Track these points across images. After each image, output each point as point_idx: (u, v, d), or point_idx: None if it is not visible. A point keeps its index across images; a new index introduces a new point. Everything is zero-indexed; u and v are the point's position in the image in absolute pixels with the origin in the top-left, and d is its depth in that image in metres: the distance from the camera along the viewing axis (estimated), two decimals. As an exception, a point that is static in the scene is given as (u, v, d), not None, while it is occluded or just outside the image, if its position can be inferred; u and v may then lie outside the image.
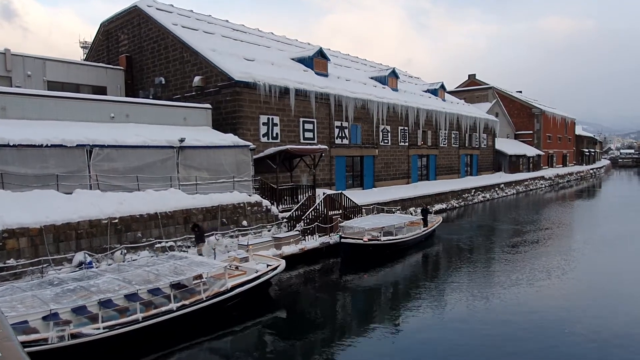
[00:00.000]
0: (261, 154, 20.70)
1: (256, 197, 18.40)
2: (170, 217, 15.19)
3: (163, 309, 10.26)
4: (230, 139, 18.94)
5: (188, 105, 20.51)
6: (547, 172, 57.49)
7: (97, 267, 12.36)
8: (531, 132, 63.26)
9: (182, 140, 16.59)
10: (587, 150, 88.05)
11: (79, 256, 12.65)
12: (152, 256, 13.74)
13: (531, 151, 58.54)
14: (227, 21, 30.66)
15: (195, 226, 15.07)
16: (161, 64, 24.96)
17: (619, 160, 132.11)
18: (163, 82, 24.69)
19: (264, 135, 22.47)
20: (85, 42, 57.44)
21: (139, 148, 15.66)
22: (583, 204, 39.89)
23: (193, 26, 25.74)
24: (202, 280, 11.54)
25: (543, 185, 52.93)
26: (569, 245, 20.73)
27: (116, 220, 13.78)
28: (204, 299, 11.08)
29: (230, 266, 13.14)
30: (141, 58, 26.15)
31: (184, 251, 14.94)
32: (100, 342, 9.09)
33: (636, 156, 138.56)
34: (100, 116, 17.18)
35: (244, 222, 17.60)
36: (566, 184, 58.11)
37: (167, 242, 14.99)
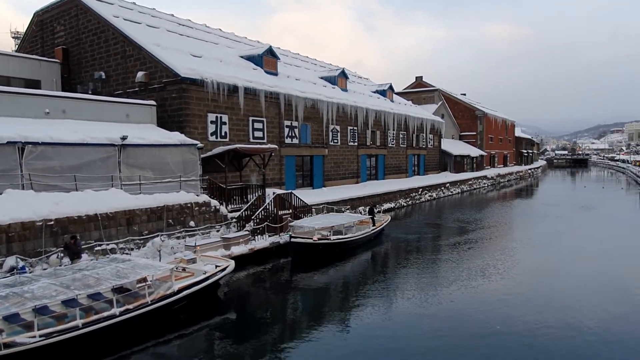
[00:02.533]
0: (209, 153, 20.21)
1: (204, 197, 17.93)
2: (111, 218, 14.47)
3: (105, 314, 9.82)
4: (176, 137, 18.34)
5: (131, 102, 19.66)
6: (490, 172, 60.08)
7: (30, 272, 11.58)
8: (475, 133, 65.89)
9: (124, 138, 15.86)
10: (525, 151, 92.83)
11: (10, 261, 11.79)
12: (92, 259, 13.01)
13: (475, 152, 60.96)
14: (172, 15, 29.70)
15: (72, 237, 12.70)
16: (101, 57, 23.79)
17: (554, 160, 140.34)
18: (103, 77, 23.54)
19: (212, 134, 21.95)
20: (17, 32, 53.98)
21: (77, 146, 14.81)
22: (522, 203, 41.97)
23: (136, 19, 24.72)
24: (147, 283, 11.12)
25: (486, 185, 55.24)
26: (507, 244, 21.65)
27: (52, 222, 12.95)
28: (149, 302, 10.69)
29: (177, 268, 12.68)
30: (79, 51, 24.81)
31: (126, 254, 14.29)
32: (36, 351, 8.56)
33: (569, 157, 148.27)
34: (34, 111, 16.12)
35: (192, 223, 17.09)
36: (507, 183, 60.97)
37: (108, 244, 14.28)
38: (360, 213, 25.53)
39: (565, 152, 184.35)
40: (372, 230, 21.35)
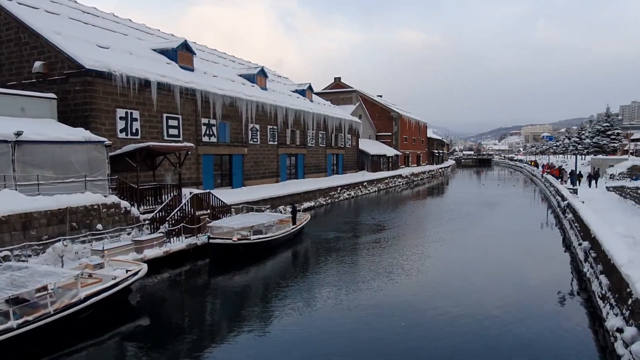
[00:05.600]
0: (119, 151, 18.93)
1: (113, 198, 16.73)
2: (4, 222, 12.97)
3: (0, 327, 8.87)
4: (80, 133, 16.92)
5: (27, 94, 17.79)
6: (404, 171, 62.82)
7: None
8: (390, 133, 68.54)
9: (18, 134, 14.31)
10: (437, 151, 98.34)
11: None
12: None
13: (390, 151, 63.37)
14: (75, 2, 27.39)
15: None
16: (-9, 45, 21.35)
17: (462, 160, 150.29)
18: (-6, 67, 21.16)
19: (121, 131, 20.58)
20: None
21: (-40, 142, 13.12)
22: (434, 201, 44.37)
23: (33, 4, 22.43)
24: (48, 292, 10.23)
25: (401, 183, 57.65)
26: (420, 241, 22.67)
27: None
28: (52, 312, 9.87)
29: (82, 274, 11.76)
30: (-35, 37, 22.06)
31: (23, 261, 12.90)
32: None
33: (475, 157, 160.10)
34: None
35: (99, 226, 15.86)
36: (420, 182, 64.11)
37: (0, 251, 12.79)
38: (281, 212, 25.38)
39: (472, 152, 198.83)
40: (292, 229, 21.31)
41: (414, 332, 10.67)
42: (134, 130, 21.20)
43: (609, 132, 73.02)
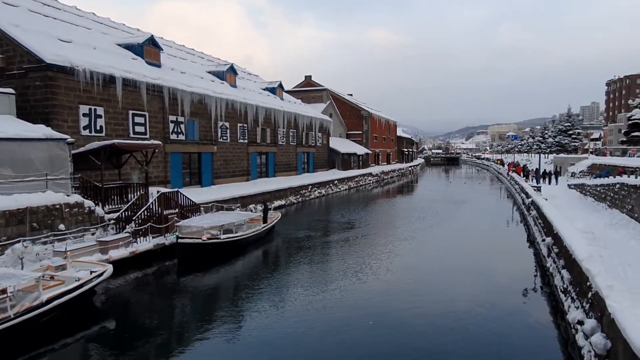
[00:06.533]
0: (82, 149, 18.32)
1: (76, 197, 16.18)
2: (-42, 223, 12.37)
3: None
4: (41, 130, 16.25)
5: (-17, 89, 17.03)
6: (374, 169, 63.36)
7: None
8: (361, 132, 68.97)
9: (-26, 130, 13.66)
10: (406, 149, 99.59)
11: None
12: None
13: (361, 150, 63.78)
14: (36, -5, 26.34)
15: None
16: (-56, 37, 20.28)
17: (431, 159, 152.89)
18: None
19: (85, 128, 19.95)
20: None
21: None
22: (403, 199, 44.96)
23: (-11, -4, 21.51)
24: (7, 295, 9.78)
25: (371, 181, 58.14)
26: (390, 239, 22.89)
27: None
28: (12, 316, 9.49)
29: (44, 276, 11.34)
30: None
31: (-22, 264, 12.33)
32: None
33: (443, 156, 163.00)
34: None
35: (62, 226, 15.31)
36: (390, 180, 64.79)
37: (-47, 254, 12.19)
38: (252, 211, 25.16)
39: (441, 151, 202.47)
40: (263, 227, 21.15)
41: (382, 331, 10.71)
42: (98, 128, 20.59)
43: (570, 132, 75.68)
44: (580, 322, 9.14)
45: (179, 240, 17.09)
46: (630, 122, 38.97)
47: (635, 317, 6.46)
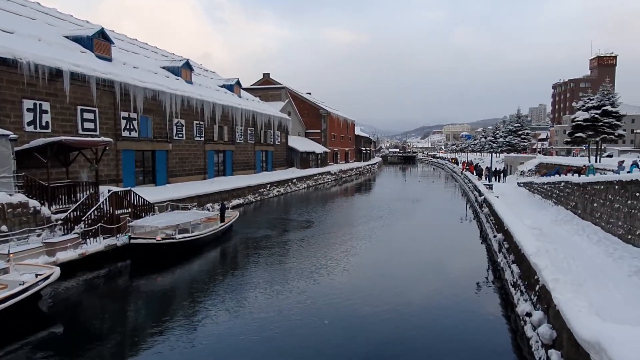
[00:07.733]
0: (26, 146, 17.41)
1: (20, 197, 15.33)
2: None
3: None
4: (-20, 126, 15.32)
5: None
6: (333, 168, 63.70)
7: None
8: (319, 131, 69.15)
9: None
10: (364, 148, 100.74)
11: None
12: None
13: (319, 148, 63.95)
14: (-25, -18, 24.75)
15: None
16: None
17: (388, 157, 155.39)
18: None
19: (29, 124, 18.92)
20: None
21: None
22: (361, 197, 45.43)
23: None
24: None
25: (329, 180, 58.41)
26: (347, 238, 23.09)
27: None
28: None
29: (-18, 281, 10.67)
30: None
31: None
32: None
33: (400, 154, 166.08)
34: None
35: (4, 227, 14.46)
36: (348, 179, 65.34)
37: None
38: (209, 210, 24.67)
39: (397, 150, 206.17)
40: (220, 227, 20.81)
41: (337, 330, 10.71)
42: (43, 124, 19.58)
43: (520, 132, 78.83)
44: (529, 314, 9.52)
45: (132, 241, 16.54)
46: (573, 123, 41.06)
47: (579, 308, 6.78)
